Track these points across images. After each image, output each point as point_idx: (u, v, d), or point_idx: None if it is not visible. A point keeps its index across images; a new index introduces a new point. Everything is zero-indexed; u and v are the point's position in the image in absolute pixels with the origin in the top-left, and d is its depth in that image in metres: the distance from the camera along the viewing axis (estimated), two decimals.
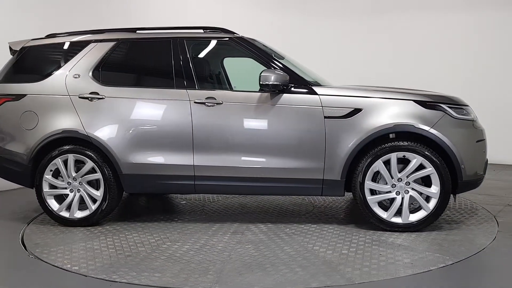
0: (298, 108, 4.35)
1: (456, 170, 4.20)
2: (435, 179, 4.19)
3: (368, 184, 4.27)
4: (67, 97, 4.64)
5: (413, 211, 4.29)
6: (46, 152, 4.64)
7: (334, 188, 4.36)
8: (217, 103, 4.42)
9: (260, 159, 4.38)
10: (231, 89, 5.29)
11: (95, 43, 4.77)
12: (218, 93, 4.50)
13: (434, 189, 4.20)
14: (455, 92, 4.88)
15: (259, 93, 4.43)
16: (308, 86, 4.41)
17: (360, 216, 4.69)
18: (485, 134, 4.46)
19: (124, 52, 4.81)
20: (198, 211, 5.21)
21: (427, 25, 8.58)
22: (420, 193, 4.24)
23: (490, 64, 8.22)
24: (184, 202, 5.62)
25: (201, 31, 4.78)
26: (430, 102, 4.28)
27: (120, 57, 4.81)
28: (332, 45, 9.06)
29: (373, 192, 4.31)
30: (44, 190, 4.65)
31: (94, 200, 4.61)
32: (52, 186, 4.68)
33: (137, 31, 4.87)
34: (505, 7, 8.10)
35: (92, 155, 4.55)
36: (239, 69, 5.48)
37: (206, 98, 4.44)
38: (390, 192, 4.27)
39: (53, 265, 3.65)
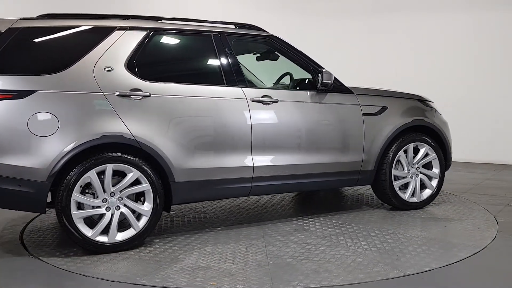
0: (344, 106, 4.67)
1: (446, 155, 5.25)
2: (435, 163, 5.13)
3: (394, 171, 4.92)
4: (100, 95, 3.78)
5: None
6: (72, 165, 3.68)
7: (368, 178, 4.85)
8: (273, 101, 4.34)
9: (315, 155, 4.52)
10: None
11: (122, 31, 3.99)
12: (272, 92, 4.41)
13: (436, 171, 5.14)
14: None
15: (307, 92, 4.56)
16: (344, 86, 4.75)
17: (363, 203, 5.29)
18: None
19: (160, 44, 4.17)
20: (202, 218, 4.89)
21: (427, 25, 8.69)
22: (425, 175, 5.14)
23: (490, 64, 8.38)
24: (173, 212, 5.11)
25: (233, 26, 4.55)
26: (425, 100, 5.22)
27: (156, 49, 4.15)
28: (332, 45, 9.00)
29: (394, 178, 4.97)
30: (73, 212, 3.68)
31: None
32: (80, 206, 3.75)
33: (163, 21, 4.28)
34: (505, 7, 8.23)
35: (140, 163, 3.84)
36: None
37: (262, 97, 4.31)
38: (406, 177, 5.02)
39: (53, 265, 3.55)
